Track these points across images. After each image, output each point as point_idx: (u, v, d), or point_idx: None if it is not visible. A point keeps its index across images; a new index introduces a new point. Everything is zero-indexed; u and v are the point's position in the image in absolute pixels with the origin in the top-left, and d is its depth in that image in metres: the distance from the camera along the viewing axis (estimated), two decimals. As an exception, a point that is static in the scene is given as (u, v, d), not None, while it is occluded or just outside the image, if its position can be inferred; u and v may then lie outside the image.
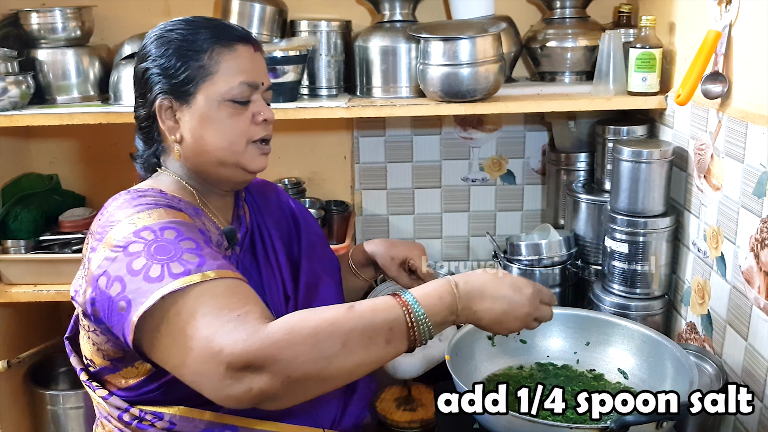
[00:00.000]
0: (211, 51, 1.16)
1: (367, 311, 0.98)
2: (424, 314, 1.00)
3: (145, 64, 1.18)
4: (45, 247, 1.98)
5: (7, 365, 1.99)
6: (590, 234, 1.88)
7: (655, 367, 1.34)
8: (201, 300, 0.95)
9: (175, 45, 1.16)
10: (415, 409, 1.56)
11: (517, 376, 1.39)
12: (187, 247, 1.01)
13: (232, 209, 1.29)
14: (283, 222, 1.38)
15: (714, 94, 1.41)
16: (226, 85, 1.16)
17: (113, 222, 1.06)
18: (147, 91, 1.18)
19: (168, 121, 1.18)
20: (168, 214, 1.07)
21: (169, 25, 1.20)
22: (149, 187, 1.19)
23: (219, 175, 1.21)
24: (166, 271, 0.97)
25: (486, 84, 1.70)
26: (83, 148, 2.24)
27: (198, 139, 1.17)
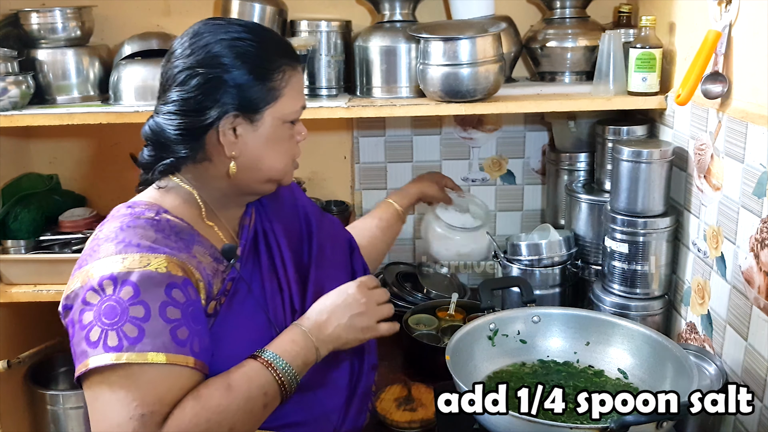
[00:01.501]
0: (282, 72, 1.15)
1: (244, 385, 1.06)
2: (288, 365, 1.10)
3: (210, 71, 1.11)
4: (45, 247, 1.99)
5: (7, 365, 1.99)
6: (590, 234, 1.88)
7: (655, 367, 1.34)
8: (124, 381, 0.99)
9: (250, 59, 1.12)
10: (415, 409, 1.56)
11: (519, 373, 1.39)
12: (132, 315, 1.01)
13: (239, 218, 1.27)
14: (294, 225, 1.35)
15: (714, 94, 1.41)
16: (290, 108, 1.17)
17: (95, 252, 1.08)
18: (213, 100, 1.11)
19: (229, 137, 1.13)
20: (141, 262, 1.04)
21: (234, 31, 1.14)
22: (151, 204, 1.16)
23: (257, 189, 1.22)
24: (102, 340, 1.00)
25: (486, 84, 1.70)
26: (83, 148, 2.24)
27: (257, 158, 1.16)
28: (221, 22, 1.17)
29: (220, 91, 1.11)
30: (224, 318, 1.14)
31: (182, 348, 1.03)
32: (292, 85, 1.17)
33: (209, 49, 1.12)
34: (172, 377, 1.01)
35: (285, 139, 1.19)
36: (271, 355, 1.10)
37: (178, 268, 1.06)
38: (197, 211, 1.19)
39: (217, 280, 1.14)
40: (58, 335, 2.27)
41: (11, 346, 2.06)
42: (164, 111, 1.14)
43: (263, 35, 1.16)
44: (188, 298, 1.06)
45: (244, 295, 1.17)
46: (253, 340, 1.15)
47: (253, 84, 1.12)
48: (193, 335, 1.05)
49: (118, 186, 2.27)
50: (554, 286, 1.84)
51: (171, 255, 1.07)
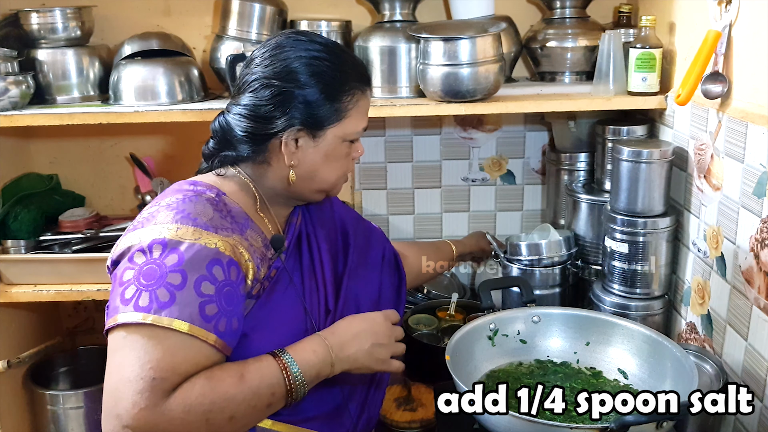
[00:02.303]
0: (352, 95, 1.20)
1: (256, 380, 1.08)
2: (301, 374, 1.12)
3: (290, 86, 1.16)
4: (45, 247, 1.99)
5: (7, 365, 1.99)
6: (590, 234, 1.88)
7: (655, 367, 1.34)
8: (144, 342, 1.02)
9: (324, 79, 1.17)
10: (415, 409, 1.57)
11: (516, 373, 1.39)
12: (169, 281, 1.05)
13: (287, 216, 1.33)
14: (333, 235, 1.41)
15: (714, 94, 1.41)
16: (353, 128, 1.22)
17: (153, 218, 1.12)
18: (282, 112, 1.17)
19: (290, 147, 1.20)
20: (194, 235, 1.09)
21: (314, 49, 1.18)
22: (211, 185, 1.21)
23: (308, 197, 1.27)
24: (135, 299, 1.04)
25: (486, 84, 1.70)
26: (83, 148, 2.24)
27: (313, 171, 1.22)
28: (303, 38, 1.21)
29: (290, 104, 1.17)
30: (265, 302, 1.18)
31: (207, 323, 1.05)
32: (359, 107, 1.23)
33: (287, 64, 1.18)
34: (190, 349, 1.04)
35: (342, 156, 1.24)
36: (289, 358, 1.12)
37: (227, 248, 1.11)
38: (252, 201, 1.24)
39: (264, 265, 1.18)
40: (58, 335, 2.28)
41: (11, 346, 2.06)
42: (234, 111, 1.21)
43: (341, 57, 1.21)
44: (227, 277, 1.09)
45: (285, 285, 1.22)
46: (289, 328, 1.20)
47: (322, 103, 1.18)
48: (222, 314, 1.07)
49: (118, 186, 2.28)
50: (554, 286, 1.84)
51: (224, 236, 1.12)
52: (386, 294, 1.48)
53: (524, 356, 1.44)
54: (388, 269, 1.50)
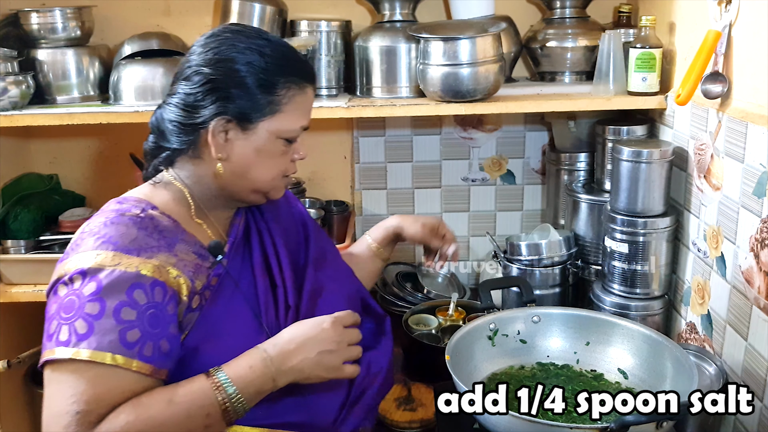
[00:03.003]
0: (286, 89, 1.16)
1: (186, 403, 1.04)
2: (237, 393, 1.06)
3: (212, 70, 1.13)
4: (45, 247, 1.98)
5: (7, 365, 1.98)
6: (590, 234, 1.88)
7: (655, 367, 1.34)
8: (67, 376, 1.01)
9: (256, 69, 1.13)
10: (415, 409, 1.56)
11: (518, 376, 1.39)
12: (87, 312, 1.02)
13: (231, 218, 1.28)
14: (291, 228, 1.37)
15: (714, 94, 1.41)
16: (288, 125, 1.18)
17: (78, 246, 1.10)
18: (207, 100, 1.14)
19: (218, 139, 1.15)
20: (113, 260, 1.06)
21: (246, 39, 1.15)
22: (140, 199, 1.18)
23: (245, 198, 1.23)
24: (56, 334, 1.02)
25: (486, 84, 1.70)
26: (83, 148, 2.24)
27: (244, 166, 1.18)
28: (240, 29, 1.18)
29: (218, 93, 1.13)
30: (208, 311, 1.14)
31: (129, 350, 1.03)
32: (295, 103, 1.17)
33: (219, 52, 1.14)
34: (114, 378, 1.02)
35: (276, 155, 1.19)
36: (223, 377, 1.07)
37: (149, 270, 1.07)
38: (186, 209, 1.20)
39: (201, 276, 1.14)
40: (58, 335, 2.27)
41: (11, 346, 2.06)
42: (168, 102, 1.19)
43: (279, 50, 1.17)
44: (150, 300, 1.06)
45: (231, 291, 1.18)
46: (240, 333, 1.16)
47: (252, 94, 1.14)
48: (146, 338, 1.04)
49: (118, 186, 2.26)
50: (554, 286, 1.84)
51: (147, 257, 1.08)
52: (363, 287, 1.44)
53: (524, 356, 1.44)
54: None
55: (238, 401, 1.07)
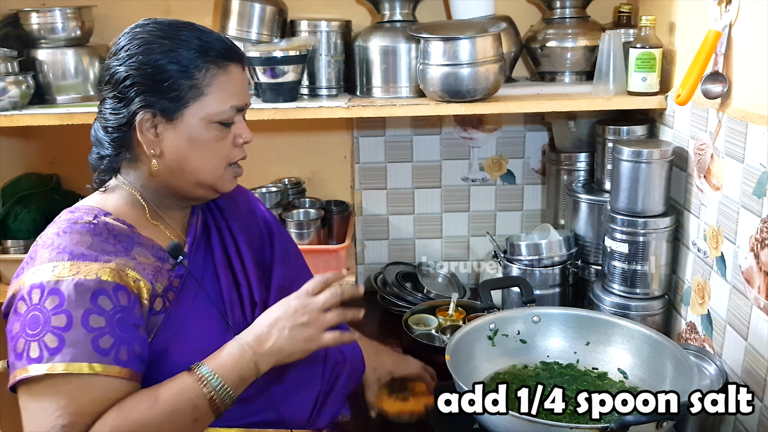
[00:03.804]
0: (206, 70, 1.12)
1: (171, 399, 1.03)
2: (221, 382, 1.06)
3: (126, 67, 1.11)
4: (45, 247, 1.98)
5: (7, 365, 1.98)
6: (590, 234, 1.88)
7: (655, 367, 1.34)
8: (46, 392, 1.00)
9: (166, 57, 1.10)
10: (406, 399, 1.54)
11: (522, 375, 1.39)
12: (54, 325, 1.00)
13: (188, 218, 1.26)
14: (253, 226, 1.35)
15: (714, 94, 1.41)
16: (216, 108, 1.13)
17: (32, 260, 1.08)
18: (127, 99, 1.12)
19: (148, 135, 1.12)
20: (71, 270, 1.04)
21: (157, 29, 1.13)
22: (92, 207, 1.16)
23: (191, 193, 1.19)
24: (26, 352, 1.00)
25: (486, 84, 1.70)
26: (83, 148, 2.22)
27: (180, 159, 1.14)
28: (146, 22, 1.16)
29: (133, 89, 1.11)
30: (173, 313, 1.13)
31: (105, 357, 1.01)
32: (219, 84, 1.13)
33: (127, 48, 1.12)
34: (94, 387, 1.01)
35: (211, 141, 1.15)
36: (206, 370, 1.06)
37: (109, 274, 1.05)
38: (141, 212, 1.18)
39: (162, 278, 1.13)
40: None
41: (11, 346, 2.06)
42: (99, 111, 1.18)
43: (191, 34, 1.13)
44: (116, 304, 1.05)
45: (194, 291, 1.17)
46: (207, 332, 1.15)
47: (169, 82, 1.10)
48: (119, 343, 1.03)
49: (118, 186, 2.28)
50: (554, 286, 1.84)
51: (105, 261, 1.06)
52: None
53: (524, 356, 1.44)
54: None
55: (224, 390, 1.06)
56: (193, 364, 1.08)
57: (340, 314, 1.14)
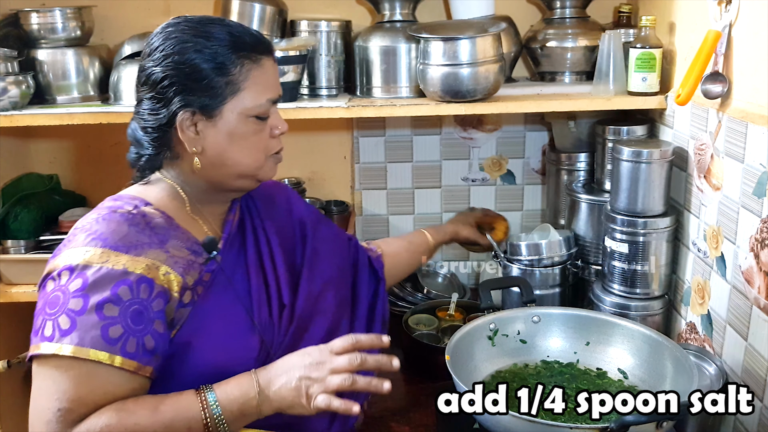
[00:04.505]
0: (240, 66, 1.13)
1: (170, 413, 1.04)
2: (220, 415, 1.06)
3: (163, 68, 1.12)
4: (45, 247, 1.98)
5: (7, 365, 1.98)
6: (590, 234, 1.88)
7: (655, 367, 1.34)
8: (51, 372, 1.02)
9: (201, 55, 1.11)
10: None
11: (522, 373, 1.40)
12: (70, 307, 1.03)
13: (225, 214, 1.28)
14: (287, 228, 1.36)
15: (714, 94, 1.41)
16: (253, 102, 1.15)
17: (70, 242, 1.11)
18: (166, 99, 1.13)
19: (189, 133, 1.15)
20: (101, 258, 1.06)
21: (189, 27, 1.13)
22: (134, 196, 1.18)
23: (233, 185, 1.21)
24: (41, 329, 1.03)
25: (486, 84, 1.70)
26: (83, 148, 2.24)
27: (221, 153, 1.16)
28: (177, 20, 1.16)
29: (174, 88, 1.13)
30: (200, 307, 1.14)
31: (111, 346, 1.02)
32: (253, 78, 1.15)
33: (161, 48, 1.13)
34: (96, 377, 1.02)
35: (250, 134, 1.17)
36: (211, 397, 1.07)
37: (137, 266, 1.07)
38: (181, 204, 1.20)
39: (193, 272, 1.14)
40: (58, 335, 2.27)
41: (11, 346, 2.06)
42: (136, 111, 1.20)
43: (223, 30, 1.14)
44: (134, 297, 1.06)
45: (223, 287, 1.18)
46: (232, 329, 1.16)
47: (206, 80, 1.12)
48: (129, 334, 1.04)
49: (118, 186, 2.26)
50: (554, 286, 1.84)
51: (135, 254, 1.08)
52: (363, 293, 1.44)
53: (525, 356, 1.45)
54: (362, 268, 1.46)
55: (220, 422, 1.06)
56: (214, 368, 1.10)
57: (346, 380, 1.08)
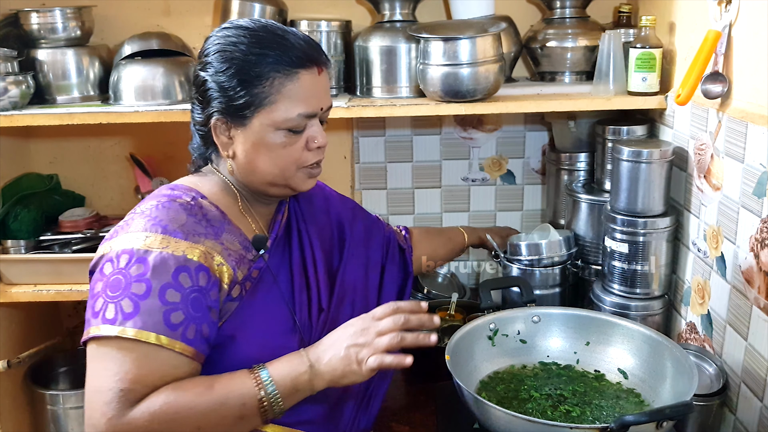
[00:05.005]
0: (272, 79, 1.14)
1: (224, 390, 1.06)
2: (275, 389, 1.08)
3: (204, 74, 1.16)
4: (45, 247, 1.98)
5: (7, 365, 1.99)
6: (590, 234, 1.88)
7: (655, 367, 1.34)
8: (112, 354, 1.04)
9: (237, 65, 1.13)
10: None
11: (520, 375, 1.40)
12: (133, 291, 1.05)
13: (273, 214, 1.31)
14: (326, 230, 1.38)
15: (714, 94, 1.41)
16: (283, 115, 1.15)
17: (128, 225, 1.12)
18: (204, 102, 1.18)
19: (222, 137, 1.18)
20: (162, 243, 1.08)
21: (233, 35, 1.15)
22: (190, 188, 1.20)
23: (267, 191, 1.23)
24: (102, 311, 1.05)
25: (486, 84, 1.70)
26: (83, 148, 2.24)
27: (250, 161, 1.18)
28: (228, 25, 1.18)
29: (207, 93, 1.16)
30: (247, 302, 1.17)
31: (173, 332, 1.05)
32: (286, 92, 1.15)
33: (207, 52, 1.17)
34: (157, 359, 1.04)
35: (279, 146, 1.17)
36: (265, 375, 1.09)
37: (196, 254, 1.10)
38: (233, 200, 1.23)
39: (243, 267, 1.17)
40: (58, 335, 2.28)
41: (11, 346, 2.06)
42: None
43: (261, 41, 1.14)
44: (194, 284, 1.08)
45: (269, 285, 1.21)
46: (275, 327, 1.19)
47: (236, 90, 1.14)
48: (189, 321, 1.07)
49: (118, 186, 2.28)
50: (554, 286, 1.84)
51: (194, 242, 1.11)
52: (388, 289, 1.46)
53: (525, 356, 1.44)
54: (391, 264, 1.48)
55: (275, 398, 1.08)
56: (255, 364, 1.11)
57: (393, 338, 1.10)
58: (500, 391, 1.33)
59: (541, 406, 1.26)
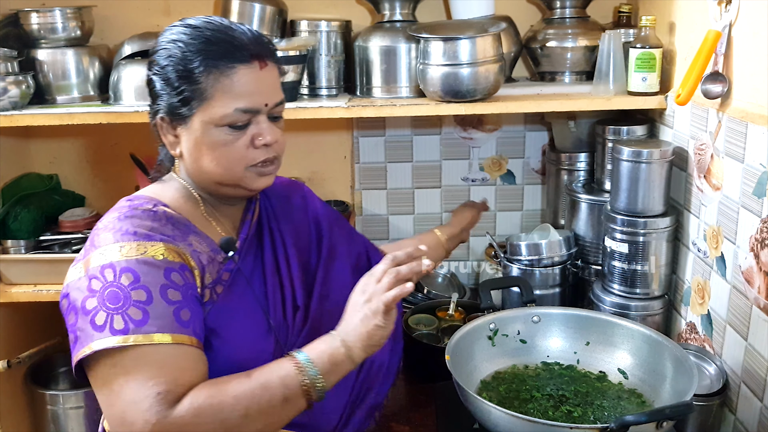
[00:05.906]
0: (207, 74, 1.11)
1: (264, 374, 1.05)
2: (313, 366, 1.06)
3: (150, 73, 1.16)
4: (45, 247, 1.99)
5: (7, 365, 1.99)
6: (590, 234, 1.88)
7: (655, 367, 1.34)
8: (136, 363, 1.00)
9: (174, 61, 1.12)
10: None
11: (522, 375, 1.40)
12: (135, 299, 1.03)
13: (241, 214, 1.28)
14: (302, 228, 1.36)
15: (714, 94, 1.41)
16: (221, 111, 1.11)
17: (94, 244, 1.10)
18: (152, 101, 1.17)
19: (169, 136, 1.16)
20: (138, 250, 1.06)
21: (176, 33, 1.13)
22: (150, 197, 1.17)
23: (220, 191, 1.20)
24: (108, 324, 1.01)
25: (486, 84, 1.70)
26: (83, 148, 2.24)
27: (195, 160, 1.16)
28: (176, 23, 1.16)
29: (153, 92, 1.16)
30: (221, 306, 1.14)
31: (186, 329, 1.05)
32: (222, 87, 1.11)
33: (155, 51, 1.16)
34: (180, 357, 1.03)
35: (220, 144, 1.13)
36: (302, 357, 1.08)
37: (174, 254, 1.09)
38: (195, 205, 1.20)
39: (212, 270, 1.14)
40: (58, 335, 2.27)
41: (11, 346, 2.06)
42: None
43: (199, 36, 1.12)
44: (186, 281, 1.08)
45: (243, 287, 1.18)
46: (250, 329, 1.17)
47: (175, 87, 1.12)
48: (194, 316, 1.07)
49: (118, 186, 2.28)
50: (554, 286, 1.84)
51: (167, 242, 1.09)
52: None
53: (524, 356, 1.44)
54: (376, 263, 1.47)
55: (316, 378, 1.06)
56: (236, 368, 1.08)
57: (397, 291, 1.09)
58: (502, 391, 1.33)
59: (542, 407, 1.27)
